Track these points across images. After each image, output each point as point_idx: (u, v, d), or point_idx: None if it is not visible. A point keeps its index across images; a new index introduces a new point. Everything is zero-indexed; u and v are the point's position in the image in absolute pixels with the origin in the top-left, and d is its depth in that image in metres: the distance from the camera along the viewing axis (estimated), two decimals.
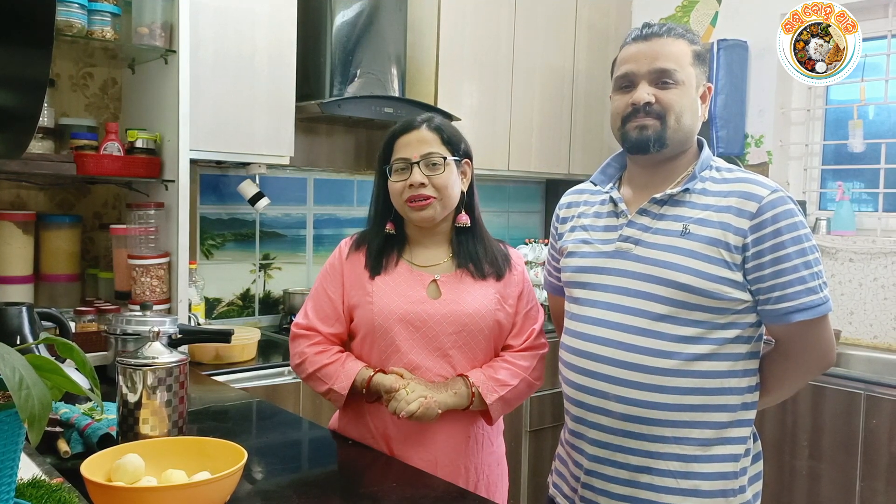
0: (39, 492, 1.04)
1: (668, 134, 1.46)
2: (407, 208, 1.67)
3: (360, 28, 2.98)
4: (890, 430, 2.61)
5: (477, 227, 1.76)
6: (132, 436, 1.41)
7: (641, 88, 1.46)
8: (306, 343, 1.71)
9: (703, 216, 1.43)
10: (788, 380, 1.51)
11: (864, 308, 3.20)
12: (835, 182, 3.42)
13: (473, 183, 1.77)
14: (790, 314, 1.39)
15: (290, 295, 3.13)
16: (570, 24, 3.69)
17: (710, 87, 1.53)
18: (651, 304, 1.43)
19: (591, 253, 1.54)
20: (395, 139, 1.70)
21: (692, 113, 1.48)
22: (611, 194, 1.56)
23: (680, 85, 1.45)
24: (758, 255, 1.39)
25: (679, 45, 1.47)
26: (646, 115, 1.46)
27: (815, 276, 1.40)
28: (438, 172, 1.65)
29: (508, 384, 1.67)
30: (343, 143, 3.35)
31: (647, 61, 1.46)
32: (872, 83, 3.27)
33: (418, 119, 1.71)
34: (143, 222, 2.38)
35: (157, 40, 2.32)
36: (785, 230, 1.38)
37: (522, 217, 4.13)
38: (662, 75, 1.45)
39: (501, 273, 1.72)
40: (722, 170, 1.49)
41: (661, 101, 1.45)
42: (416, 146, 1.66)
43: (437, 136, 1.68)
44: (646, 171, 1.54)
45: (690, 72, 1.47)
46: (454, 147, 1.69)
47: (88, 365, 0.95)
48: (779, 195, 1.41)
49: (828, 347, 1.46)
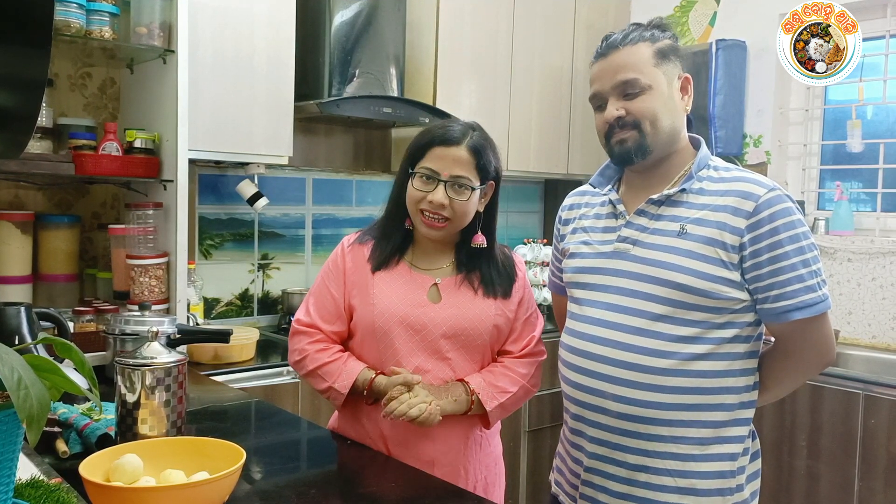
0: (38, 492, 1.04)
1: (648, 140, 1.46)
2: (418, 220, 1.64)
3: (358, 28, 2.98)
4: (888, 429, 2.61)
5: (492, 250, 1.73)
6: (131, 436, 1.41)
7: (610, 105, 1.48)
8: (307, 340, 1.70)
9: (700, 216, 1.44)
10: (788, 378, 1.51)
11: (863, 308, 3.20)
12: (833, 182, 3.43)
13: (497, 203, 1.72)
14: (789, 312, 1.39)
15: (288, 295, 3.13)
16: (568, 23, 3.69)
17: (688, 76, 1.51)
18: (649, 304, 1.43)
19: (591, 254, 1.55)
20: (432, 145, 1.63)
21: (669, 112, 1.47)
22: (609, 196, 1.57)
23: (647, 90, 1.45)
24: (755, 254, 1.39)
25: (637, 51, 1.46)
26: (621, 128, 1.47)
27: (814, 274, 1.40)
28: (462, 198, 1.62)
29: (508, 391, 1.68)
30: (342, 142, 3.35)
31: (608, 77, 1.47)
32: (871, 83, 3.27)
33: (460, 131, 1.63)
34: (142, 222, 2.38)
35: (156, 40, 2.32)
36: (782, 228, 1.38)
37: (521, 217, 4.13)
38: (626, 87, 1.46)
39: (508, 293, 1.71)
40: (720, 169, 1.49)
41: (633, 111, 1.46)
42: (449, 164, 1.61)
43: (473, 160, 1.62)
44: (641, 174, 1.54)
45: (655, 73, 1.46)
46: (485, 173, 1.65)
47: (87, 365, 0.95)
48: (776, 193, 1.41)
49: (827, 345, 1.46)
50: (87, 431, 1.48)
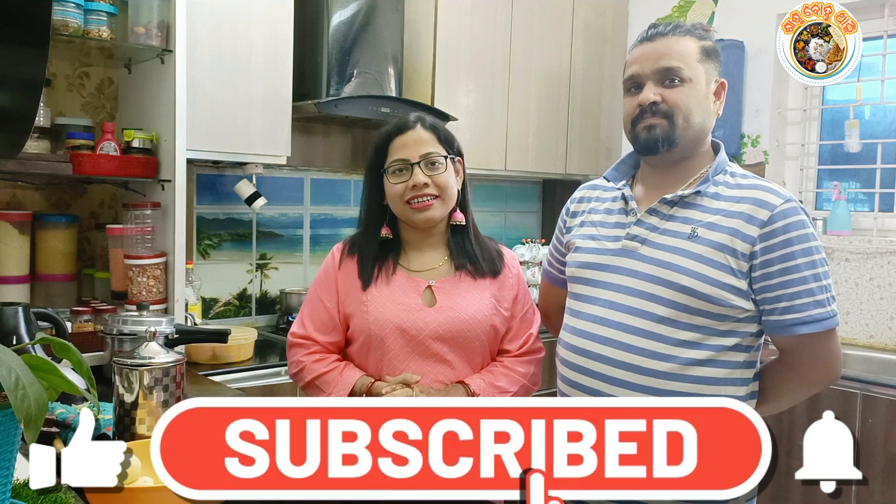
0: (36, 492, 1.03)
1: (678, 133, 1.44)
2: (408, 210, 1.64)
3: (356, 28, 2.98)
4: (886, 429, 2.61)
5: (470, 225, 1.74)
6: (129, 436, 1.41)
7: (647, 89, 1.45)
8: (303, 352, 1.70)
9: (713, 220, 1.42)
10: (790, 391, 1.48)
11: (861, 308, 3.20)
12: (831, 182, 3.43)
13: (466, 180, 1.75)
14: (796, 326, 1.37)
15: (286, 295, 3.13)
16: (566, 24, 3.69)
17: (724, 82, 1.50)
18: (652, 306, 1.42)
19: (598, 249, 1.53)
20: (389, 140, 1.66)
21: (702, 111, 1.46)
22: (623, 191, 1.55)
23: (687, 83, 1.43)
24: (766, 264, 1.37)
25: (684, 43, 1.45)
26: (653, 115, 1.44)
27: (824, 289, 1.38)
28: (440, 172, 1.64)
29: (508, 391, 1.67)
30: (340, 142, 3.35)
31: (651, 61, 1.45)
32: (868, 83, 3.28)
33: (411, 119, 1.68)
34: (140, 222, 2.37)
35: (154, 40, 2.31)
36: (795, 241, 1.37)
37: (519, 217, 4.13)
38: (668, 74, 1.44)
39: (497, 270, 1.72)
40: (737, 175, 1.47)
41: (668, 100, 1.44)
42: (413, 147, 1.64)
43: (434, 136, 1.66)
44: (658, 171, 1.52)
45: (698, 68, 1.45)
46: (450, 145, 1.68)
47: (85, 365, 0.95)
48: (792, 205, 1.39)
49: (833, 362, 1.43)
50: None
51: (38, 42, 0.89)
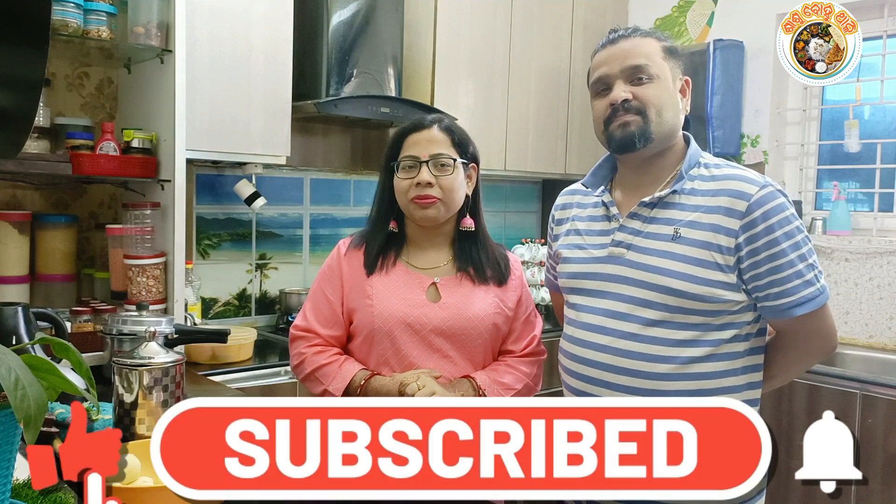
0: (35, 492, 1.03)
1: (652, 128, 1.45)
2: (412, 206, 1.66)
3: (356, 28, 2.98)
4: (885, 429, 2.61)
5: (480, 233, 1.75)
6: (128, 436, 1.41)
7: (617, 87, 1.47)
8: (305, 344, 1.71)
9: (693, 218, 1.43)
10: (793, 366, 1.53)
11: (860, 308, 3.21)
12: (830, 182, 3.43)
13: (479, 187, 1.76)
14: (790, 309, 1.40)
15: (286, 295, 3.13)
16: (566, 23, 3.69)
17: (688, 80, 1.53)
18: (645, 311, 1.43)
19: (585, 259, 1.54)
20: (405, 136, 1.69)
21: (672, 106, 1.48)
22: (602, 198, 1.56)
23: (655, 79, 1.46)
24: (752, 254, 1.39)
25: (647, 42, 1.48)
26: (626, 112, 1.46)
27: (811, 267, 1.40)
28: (447, 174, 1.65)
29: (513, 388, 1.68)
30: (339, 142, 3.35)
31: (618, 61, 1.47)
32: (868, 83, 3.28)
33: (430, 118, 1.71)
34: (140, 222, 2.37)
35: (153, 40, 2.31)
36: (777, 226, 1.38)
37: (519, 217, 4.13)
38: (636, 72, 1.46)
39: (503, 279, 1.73)
40: (710, 166, 1.49)
41: (639, 97, 1.45)
42: (426, 145, 1.66)
43: (448, 138, 1.67)
44: (634, 171, 1.53)
45: (664, 65, 1.47)
46: (463, 150, 1.69)
47: (84, 365, 0.95)
48: (767, 190, 1.40)
49: (830, 333, 1.47)
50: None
51: (38, 42, 0.89)
